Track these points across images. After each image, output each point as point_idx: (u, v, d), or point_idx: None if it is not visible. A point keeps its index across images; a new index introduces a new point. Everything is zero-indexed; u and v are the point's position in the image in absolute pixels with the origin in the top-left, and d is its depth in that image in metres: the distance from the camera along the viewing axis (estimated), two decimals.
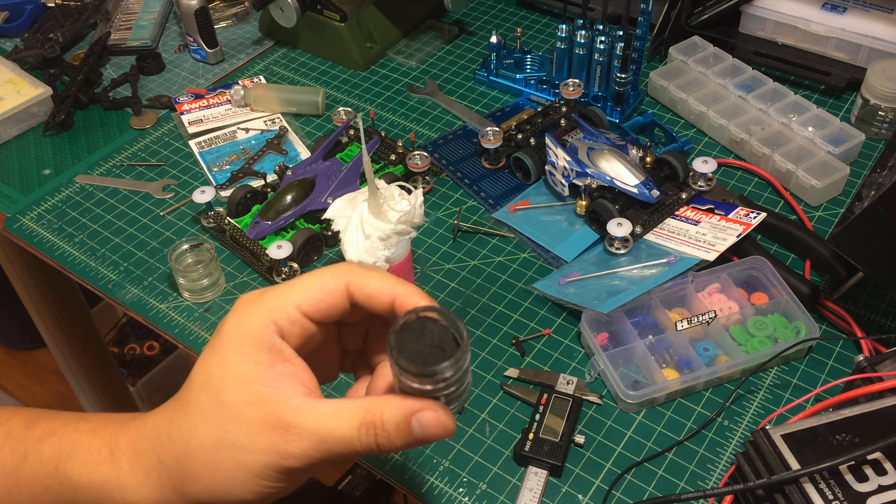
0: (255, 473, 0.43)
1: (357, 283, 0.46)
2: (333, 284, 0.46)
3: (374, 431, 0.43)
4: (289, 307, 0.45)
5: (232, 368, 0.44)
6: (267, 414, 0.43)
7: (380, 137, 0.92)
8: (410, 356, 0.42)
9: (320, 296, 0.46)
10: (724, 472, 0.65)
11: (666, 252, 0.79)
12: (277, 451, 0.42)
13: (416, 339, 0.43)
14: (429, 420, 0.43)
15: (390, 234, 0.65)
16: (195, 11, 1.06)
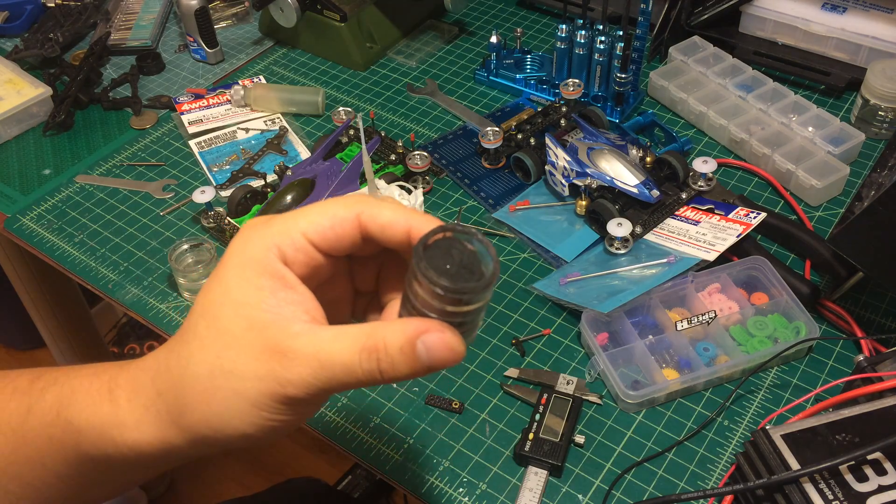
0: (253, 403, 0.41)
1: (370, 213, 0.43)
2: (343, 213, 0.43)
3: (377, 356, 0.40)
4: (294, 233, 0.42)
5: (232, 293, 0.42)
6: (265, 340, 0.40)
7: (380, 137, 0.92)
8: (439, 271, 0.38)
9: (329, 223, 0.43)
10: (724, 472, 0.65)
11: (666, 252, 0.79)
12: (276, 377, 0.40)
13: (444, 257, 0.39)
14: (435, 342, 0.40)
15: None
16: (195, 11, 1.06)
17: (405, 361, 0.40)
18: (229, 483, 1.49)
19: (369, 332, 0.40)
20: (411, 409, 0.71)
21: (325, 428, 0.70)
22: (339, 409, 0.71)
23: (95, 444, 0.44)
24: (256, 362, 0.40)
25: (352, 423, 0.70)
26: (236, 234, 0.44)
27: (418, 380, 0.73)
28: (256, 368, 0.40)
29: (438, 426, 0.70)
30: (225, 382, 0.41)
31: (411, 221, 0.43)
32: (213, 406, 0.41)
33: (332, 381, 0.40)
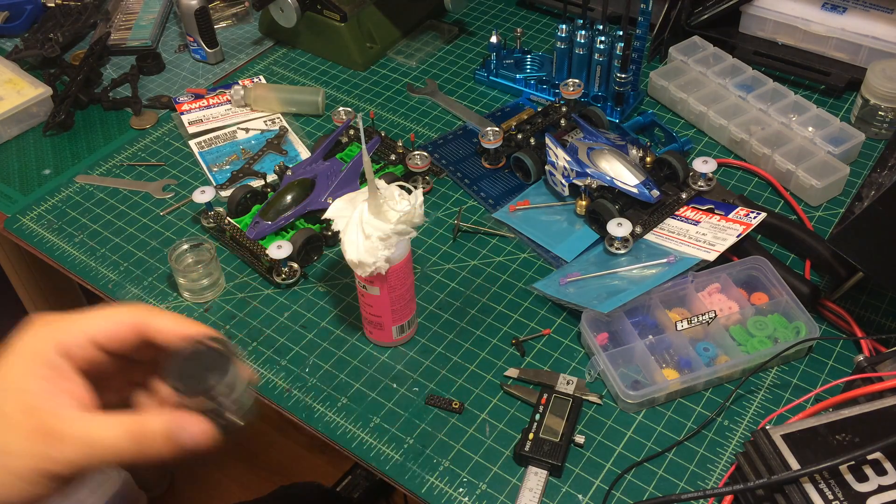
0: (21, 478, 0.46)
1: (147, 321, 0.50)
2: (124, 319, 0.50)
3: (140, 439, 0.47)
4: (78, 333, 0.49)
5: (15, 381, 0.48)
6: (37, 422, 0.46)
7: (380, 137, 0.92)
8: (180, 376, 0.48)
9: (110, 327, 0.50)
10: (724, 472, 0.65)
11: (666, 252, 0.79)
12: (44, 456, 0.46)
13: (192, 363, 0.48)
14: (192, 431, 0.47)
15: (390, 235, 0.65)
16: (195, 11, 1.06)
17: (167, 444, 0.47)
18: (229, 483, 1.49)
19: (135, 418, 0.47)
20: (411, 409, 0.71)
21: (325, 428, 0.70)
22: (339, 409, 0.71)
23: None
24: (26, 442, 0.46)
25: (352, 423, 0.70)
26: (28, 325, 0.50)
27: (418, 380, 0.73)
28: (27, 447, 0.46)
29: (438, 426, 0.70)
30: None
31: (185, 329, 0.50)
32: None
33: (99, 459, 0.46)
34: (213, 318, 0.79)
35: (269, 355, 0.76)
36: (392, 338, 0.75)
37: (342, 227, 0.67)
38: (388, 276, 0.68)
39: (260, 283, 0.82)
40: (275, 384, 0.73)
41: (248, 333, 0.78)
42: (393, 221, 0.65)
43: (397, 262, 0.68)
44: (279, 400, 0.72)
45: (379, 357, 0.75)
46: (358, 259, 0.66)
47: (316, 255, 0.84)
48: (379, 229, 0.65)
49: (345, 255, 0.67)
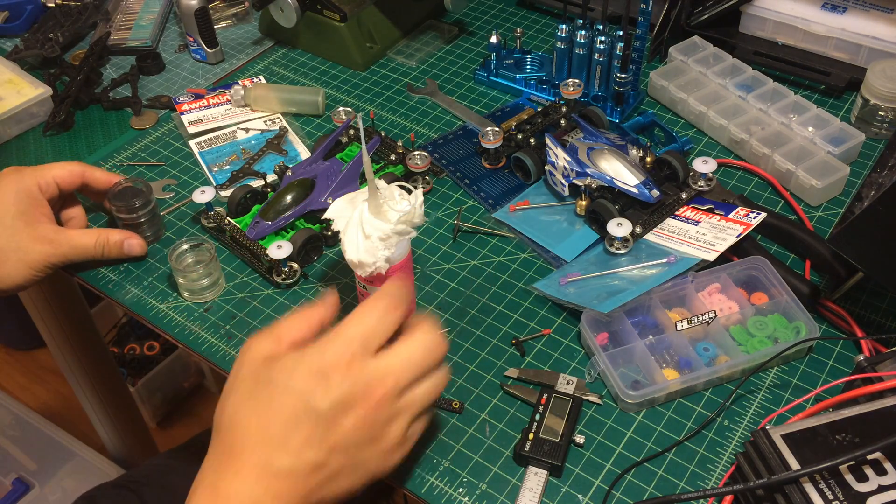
0: (32, 267, 0.79)
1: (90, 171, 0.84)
2: (76, 169, 0.83)
3: (102, 245, 0.81)
4: (48, 176, 0.81)
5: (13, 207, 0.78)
6: (39, 232, 0.79)
7: (380, 137, 0.92)
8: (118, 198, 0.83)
9: (67, 174, 0.82)
10: (724, 472, 0.65)
11: (666, 252, 0.79)
12: (49, 253, 0.79)
13: (123, 195, 0.84)
14: (133, 243, 0.83)
15: (390, 234, 0.65)
16: (195, 11, 1.06)
17: (117, 249, 0.82)
18: None
19: (100, 232, 0.81)
20: None
21: None
22: None
23: None
24: (37, 244, 0.78)
25: None
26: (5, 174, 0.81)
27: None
28: (38, 248, 0.78)
29: (438, 426, 0.70)
30: (13, 255, 0.78)
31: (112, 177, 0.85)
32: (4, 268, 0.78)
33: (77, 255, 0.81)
34: (213, 318, 0.79)
35: None
36: None
37: (342, 227, 0.67)
38: (389, 276, 0.68)
39: (260, 283, 0.82)
40: None
41: (248, 333, 0.78)
42: (393, 221, 0.65)
43: (397, 262, 0.68)
44: None
45: None
46: (358, 259, 0.66)
47: (316, 255, 0.84)
48: (379, 229, 0.65)
49: (344, 255, 0.67)
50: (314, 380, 0.54)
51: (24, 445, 1.52)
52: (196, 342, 0.77)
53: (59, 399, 1.91)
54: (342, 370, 0.55)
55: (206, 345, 0.77)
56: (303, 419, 0.54)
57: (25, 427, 1.55)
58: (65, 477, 1.47)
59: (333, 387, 0.54)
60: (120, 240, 0.81)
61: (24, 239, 0.77)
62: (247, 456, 0.54)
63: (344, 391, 0.55)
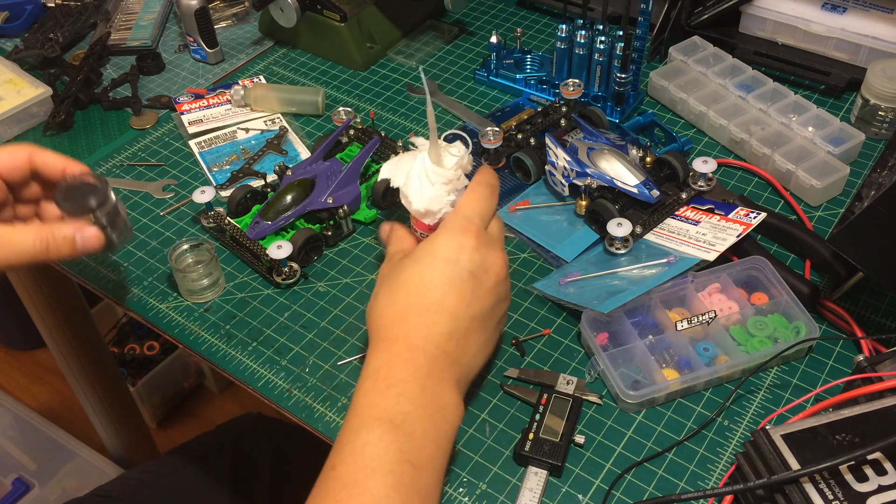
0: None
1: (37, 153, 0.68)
2: (19, 152, 0.67)
3: (46, 241, 0.64)
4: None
5: None
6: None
7: (380, 137, 0.92)
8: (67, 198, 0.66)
9: (8, 158, 0.67)
10: (724, 472, 0.65)
11: (666, 252, 0.79)
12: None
13: (74, 192, 0.67)
14: (88, 236, 0.66)
15: (452, 179, 0.69)
16: (195, 11, 1.06)
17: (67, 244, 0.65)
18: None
19: (46, 227, 0.65)
20: None
21: (324, 428, 0.70)
22: (339, 409, 0.71)
23: None
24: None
25: None
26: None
27: None
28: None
29: None
30: None
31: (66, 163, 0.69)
32: None
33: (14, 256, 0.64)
34: (213, 318, 0.79)
35: (269, 355, 0.76)
36: None
37: (401, 183, 0.71)
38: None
39: (260, 283, 0.82)
40: (275, 384, 0.73)
41: (248, 333, 0.78)
42: (452, 167, 0.69)
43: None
44: (279, 400, 0.72)
45: None
46: (425, 208, 0.69)
47: (316, 255, 0.84)
48: (442, 175, 0.69)
49: (409, 208, 0.70)
50: (455, 248, 0.62)
51: (24, 445, 1.52)
52: (196, 342, 0.78)
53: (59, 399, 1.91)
54: (474, 239, 0.62)
55: (206, 345, 0.77)
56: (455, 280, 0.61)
57: (25, 427, 1.55)
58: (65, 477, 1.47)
59: (473, 250, 0.62)
60: (70, 234, 0.65)
61: None
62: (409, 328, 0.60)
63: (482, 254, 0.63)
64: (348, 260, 0.84)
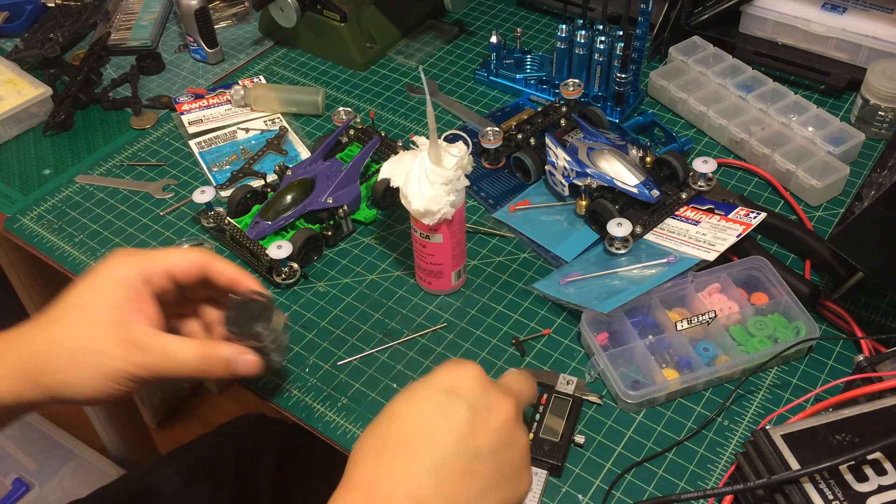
0: (108, 377, 0.58)
1: (212, 263, 0.64)
2: (195, 258, 0.64)
3: (206, 360, 0.61)
4: (158, 265, 0.62)
5: (106, 297, 0.59)
6: (127, 334, 0.59)
7: (380, 137, 0.92)
8: (236, 322, 0.64)
9: (183, 263, 0.63)
10: (724, 472, 0.65)
11: (666, 252, 0.79)
12: (131, 361, 0.58)
13: (242, 311, 0.64)
14: (247, 360, 0.64)
15: (452, 179, 0.69)
16: (195, 11, 1.06)
17: (225, 369, 0.62)
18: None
19: (206, 343, 0.62)
20: None
21: (324, 428, 0.70)
22: (339, 409, 0.71)
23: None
24: (119, 348, 0.58)
25: (351, 423, 0.70)
26: (113, 254, 0.62)
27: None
28: (118, 351, 0.58)
29: None
30: (89, 358, 0.58)
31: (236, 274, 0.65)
32: (73, 373, 0.58)
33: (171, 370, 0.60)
34: None
35: None
36: (451, 284, 0.78)
37: (401, 182, 0.70)
38: (453, 221, 0.72)
39: (260, 282, 0.82)
40: (275, 384, 0.73)
41: None
42: (451, 167, 0.69)
43: (458, 207, 0.72)
44: (279, 400, 0.72)
45: (379, 357, 0.75)
46: (424, 208, 0.69)
47: (316, 255, 0.84)
48: (442, 175, 0.68)
49: (409, 207, 0.70)
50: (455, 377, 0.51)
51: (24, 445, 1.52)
52: None
53: None
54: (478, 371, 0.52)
55: None
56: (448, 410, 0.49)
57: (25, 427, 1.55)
58: (65, 477, 1.47)
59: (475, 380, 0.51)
60: (229, 355, 0.63)
61: (106, 339, 0.58)
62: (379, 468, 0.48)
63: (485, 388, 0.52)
64: (348, 260, 0.84)
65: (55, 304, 0.61)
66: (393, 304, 0.80)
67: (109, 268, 0.61)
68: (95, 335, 0.58)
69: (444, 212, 0.70)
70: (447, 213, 0.70)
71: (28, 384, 0.59)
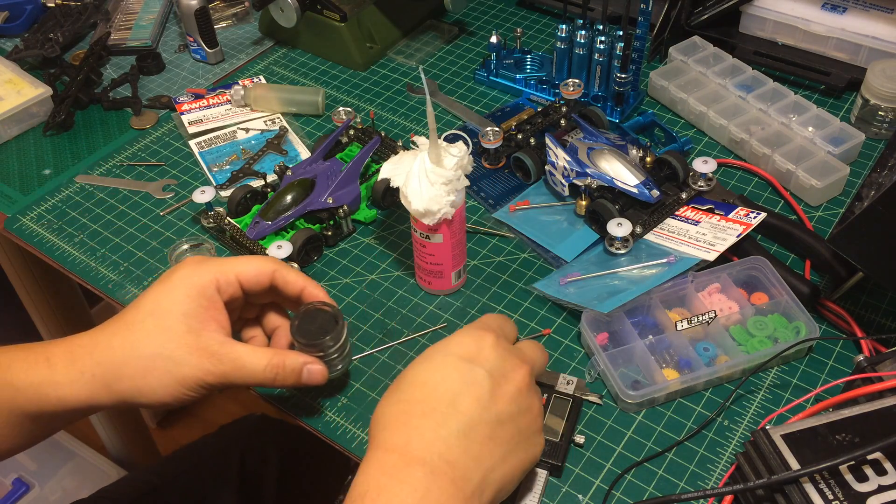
0: (182, 383, 0.60)
1: (280, 271, 0.66)
2: (265, 267, 0.65)
3: (276, 370, 0.62)
4: (229, 274, 0.63)
5: (180, 305, 0.61)
6: (202, 342, 0.60)
7: (380, 137, 0.92)
8: (304, 332, 0.65)
9: (253, 272, 0.64)
10: (724, 472, 0.65)
11: (666, 252, 0.79)
12: (205, 369, 0.60)
13: (310, 321, 0.65)
14: (314, 370, 0.64)
15: (452, 179, 0.69)
16: (195, 11, 1.06)
17: (293, 377, 0.63)
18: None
19: (275, 352, 0.62)
20: None
21: (325, 428, 0.70)
22: (339, 409, 0.71)
23: (30, 399, 0.60)
24: (192, 356, 0.60)
25: (351, 423, 0.70)
26: (185, 262, 0.64)
27: None
28: (192, 359, 0.60)
29: None
30: (164, 365, 0.59)
31: (305, 283, 0.66)
32: (148, 379, 0.60)
33: (241, 378, 0.61)
34: None
35: None
36: (451, 284, 0.78)
37: (401, 182, 0.70)
38: (453, 221, 0.72)
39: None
40: None
41: None
42: (451, 167, 0.69)
43: (458, 207, 0.71)
44: (279, 400, 0.72)
45: (379, 357, 0.75)
46: (424, 208, 0.69)
47: (316, 255, 0.84)
48: (442, 175, 0.68)
49: (409, 208, 0.70)
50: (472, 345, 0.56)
51: None
52: None
53: None
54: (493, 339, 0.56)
55: None
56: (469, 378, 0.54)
57: None
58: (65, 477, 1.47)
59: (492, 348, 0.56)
60: (299, 365, 0.63)
61: (181, 347, 0.60)
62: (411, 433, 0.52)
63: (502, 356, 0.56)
64: (348, 260, 0.84)
65: (130, 310, 0.62)
66: (393, 304, 0.80)
67: (184, 275, 0.62)
68: (172, 343, 0.60)
69: (444, 212, 0.70)
70: (447, 213, 0.70)
71: (102, 388, 0.60)
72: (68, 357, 0.61)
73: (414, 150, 0.71)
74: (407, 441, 0.51)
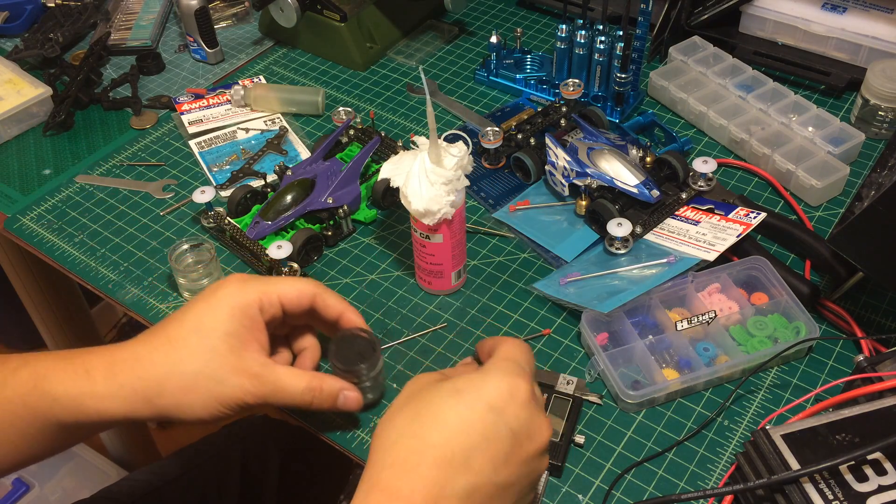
0: (222, 402, 0.60)
1: (322, 295, 0.66)
2: (307, 289, 0.65)
3: (314, 393, 0.63)
4: (272, 294, 0.63)
5: (224, 324, 0.61)
6: (244, 363, 0.60)
7: (380, 137, 0.92)
8: (342, 358, 0.65)
9: (296, 294, 0.65)
10: (724, 472, 0.65)
11: (666, 252, 0.79)
12: (245, 388, 0.60)
13: (348, 346, 0.66)
14: (350, 397, 0.65)
15: (452, 179, 0.69)
16: (195, 11, 1.06)
17: (329, 401, 0.64)
18: None
19: (313, 376, 0.63)
20: None
21: (325, 428, 0.70)
22: None
23: (68, 409, 0.60)
24: (234, 376, 0.60)
25: (352, 423, 0.70)
26: (226, 280, 0.63)
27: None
28: (234, 379, 0.60)
29: None
30: (206, 383, 0.60)
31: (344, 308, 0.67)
32: (190, 396, 0.60)
33: (279, 399, 0.62)
34: None
35: None
36: (451, 284, 0.79)
37: (401, 182, 0.70)
38: (453, 221, 0.72)
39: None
40: None
41: None
42: (451, 167, 0.69)
43: (458, 207, 0.72)
44: None
45: None
46: (424, 208, 0.69)
47: (316, 255, 0.84)
48: (442, 175, 0.68)
49: (409, 207, 0.70)
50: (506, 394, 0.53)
51: None
52: None
53: None
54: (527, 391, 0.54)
55: None
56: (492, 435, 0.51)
57: None
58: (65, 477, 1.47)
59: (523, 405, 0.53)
60: (336, 391, 0.64)
61: (224, 367, 0.60)
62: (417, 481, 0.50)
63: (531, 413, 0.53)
64: (348, 260, 0.84)
65: (172, 325, 0.62)
66: (393, 304, 0.80)
67: (228, 293, 0.62)
68: (215, 362, 0.60)
69: (444, 212, 0.70)
70: (447, 213, 0.70)
71: (142, 402, 0.60)
72: (109, 370, 0.60)
73: (414, 150, 0.71)
74: (412, 492, 0.49)
